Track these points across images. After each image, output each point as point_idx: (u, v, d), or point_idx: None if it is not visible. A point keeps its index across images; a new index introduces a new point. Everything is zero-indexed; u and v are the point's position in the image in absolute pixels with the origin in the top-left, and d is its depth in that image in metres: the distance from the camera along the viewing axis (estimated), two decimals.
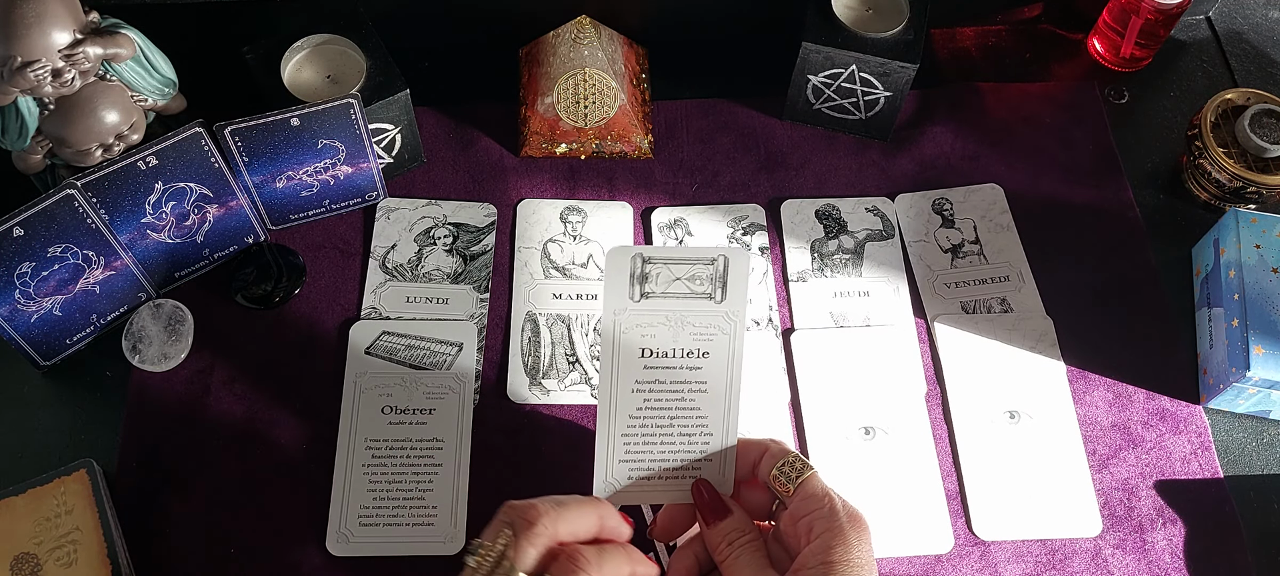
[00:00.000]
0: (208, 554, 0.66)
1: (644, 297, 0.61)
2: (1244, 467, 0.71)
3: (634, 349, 0.61)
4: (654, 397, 0.61)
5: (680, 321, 0.61)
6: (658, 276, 0.61)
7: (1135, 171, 0.84)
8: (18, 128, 0.68)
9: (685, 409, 0.61)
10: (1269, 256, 0.72)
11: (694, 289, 0.61)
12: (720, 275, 0.61)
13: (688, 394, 0.61)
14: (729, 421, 0.62)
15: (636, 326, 0.61)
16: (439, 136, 0.84)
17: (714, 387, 0.61)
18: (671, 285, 0.61)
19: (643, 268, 0.60)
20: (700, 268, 0.61)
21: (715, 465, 0.62)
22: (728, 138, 0.85)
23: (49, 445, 0.69)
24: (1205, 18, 0.93)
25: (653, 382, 0.61)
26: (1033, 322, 0.76)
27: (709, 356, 0.61)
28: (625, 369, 0.61)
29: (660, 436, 0.61)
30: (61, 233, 0.67)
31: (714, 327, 0.61)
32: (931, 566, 0.67)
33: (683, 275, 0.61)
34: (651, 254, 0.60)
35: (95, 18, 0.68)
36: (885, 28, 0.79)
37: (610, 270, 0.60)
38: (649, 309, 0.61)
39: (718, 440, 0.62)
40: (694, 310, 0.61)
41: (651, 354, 0.61)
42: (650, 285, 0.61)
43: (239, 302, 0.75)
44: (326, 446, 0.70)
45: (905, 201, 0.82)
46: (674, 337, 0.61)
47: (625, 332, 0.61)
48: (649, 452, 0.61)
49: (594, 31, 0.82)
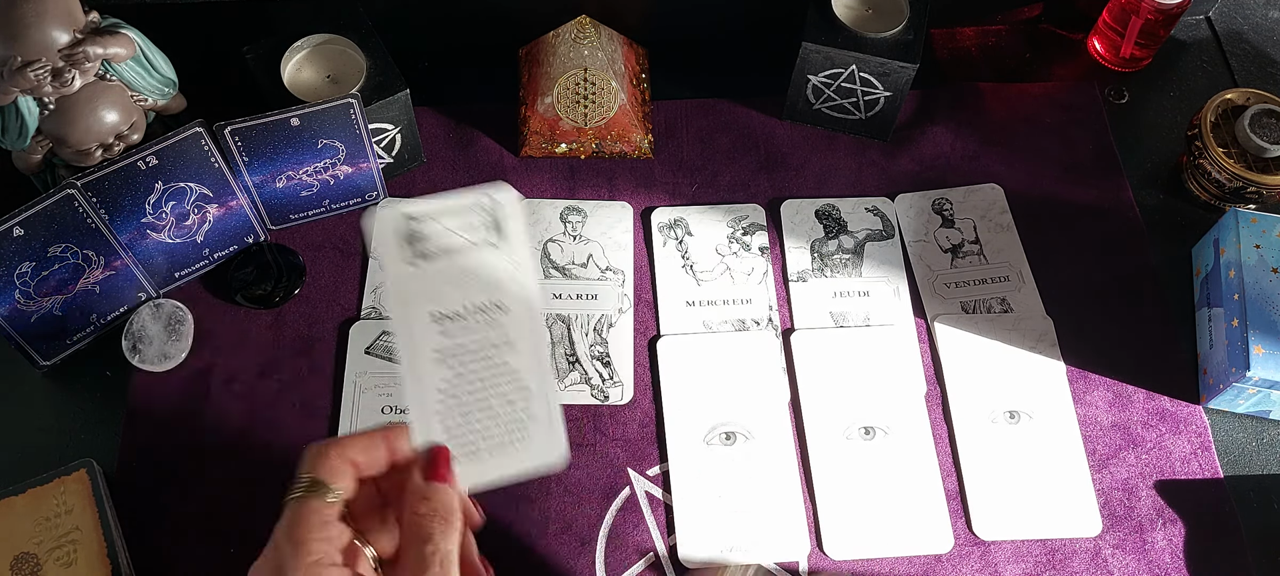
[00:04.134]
0: (208, 554, 0.66)
1: (422, 258, 0.55)
2: (1244, 467, 0.71)
3: (424, 316, 0.54)
4: (460, 365, 0.55)
5: (465, 277, 0.55)
6: (429, 234, 0.55)
7: (1135, 171, 0.84)
8: (18, 128, 0.68)
9: (494, 369, 0.55)
10: (1269, 256, 0.72)
11: (471, 238, 0.55)
12: (494, 219, 0.55)
13: (493, 352, 0.55)
14: (545, 374, 0.56)
15: (422, 292, 0.54)
16: (439, 136, 0.83)
17: (520, 343, 0.55)
18: (446, 239, 0.55)
19: (410, 227, 0.55)
20: (471, 215, 0.55)
21: (541, 424, 0.55)
22: (728, 138, 0.85)
23: (49, 445, 0.69)
24: (1205, 18, 0.93)
25: (455, 349, 0.55)
26: (1033, 322, 0.76)
27: (507, 310, 0.55)
28: (421, 340, 0.54)
29: (478, 407, 0.55)
30: (61, 232, 0.67)
31: (504, 275, 0.55)
32: (931, 566, 0.67)
33: (455, 226, 0.55)
34: (415, 210, 0.54)
35: (95, 18, 0.68)
36: (885, 28, 0.79)
37: (378, 237, 0.54)
38: (430, 269, 0.55)
39: (539, 398, 0.55)
40: (477, 262, 0.55)
41: (444, 317, 0.55)
42: (424, 244, 0.55)
43: (239, 302, 0.75)
44: None
45: (905, 201, 0.82)
46: (464, 295, 0.55)
47: (411, 303, 0.54)
48: (469, 426, 0.54)
49: (594, 31, 0.82)
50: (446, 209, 0.54)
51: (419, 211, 0.54)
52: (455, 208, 0.55)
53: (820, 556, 0.67)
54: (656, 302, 0.76)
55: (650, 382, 0.73)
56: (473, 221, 0.55)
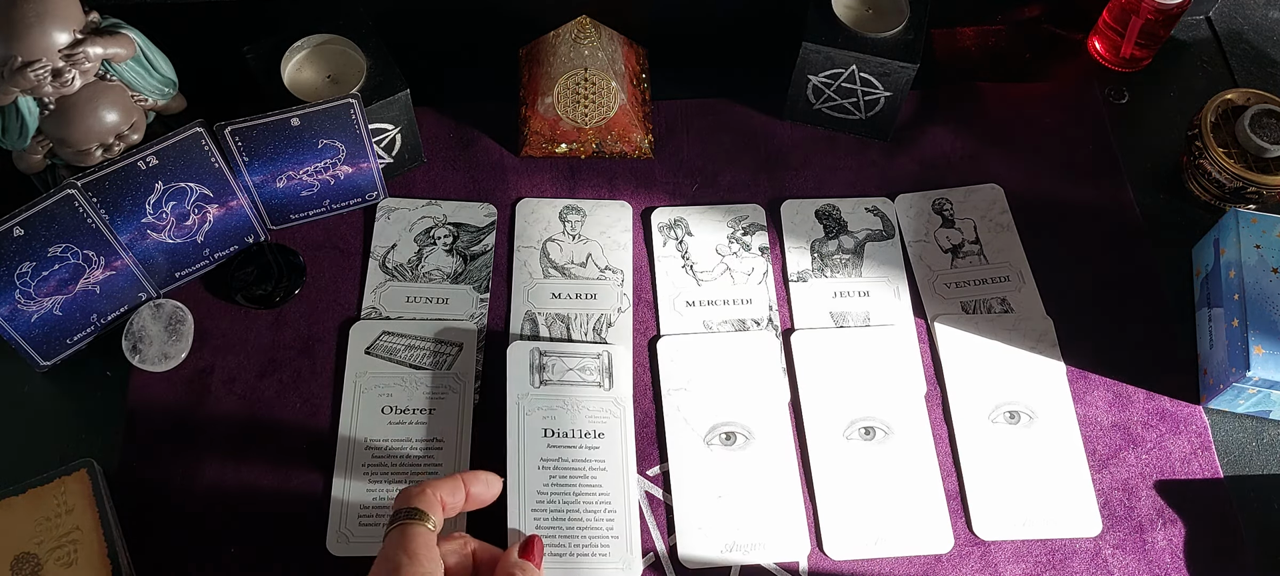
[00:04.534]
0: (208, 554, 0.66)
1: (543, 384, 0.70)
2: (1244, 467, 0.71)
3: (537, 430, 0.69)
4: (558, 475, 0.68)
5: (576, 405, 0.70)
6: (552, 366, 0.71)
7: (1135, 171, 0.84)
8: (18, 128, 0.68)
9: (588, 485, 0.67)
10: (1269, 256, 0.72)
11: (585, 378, 0.71)
12: (607, 366, 0.71)
13: (589, 471, 0.68)
14: (629, 497, 0.67)
15: (538, 409, 0.70)
16: (439, 136, 0.83)
17: (612, 465, 0.68)
18: (565, 375, 0.70)
19: (540, 359, 0.71)
20: (588, 360, 0.71)
21: (621, 542, 0.66)
22: (728, 138, 0.85)
23: (49, 445, 0.69)
24: (1205, 18, 0.93)
25: (557, 460, 0.68)
26: (1033, 323, 0.76)
27: (604, 437, 0.69)
28: (531, 447, 0.68)
29: (568, 512, 0.67)
30: (62, 233, 0.67)
31: (605, 412, 0.70)
32: (931, 566, 0.67)
33: (574, 366, 0.71)
34: (547, 348, 0.72)
35: (95, 18, 0.68)
36: (885, 28, 0.79)
37: (513, 361, 0.71)
38: (547, 394, 0.70)
39: (621, 515, 0.67)
40: (587, 396, 0.70)
41: (553, 434, 0.69)
42: (547, 374, 0.71)
43: (239, 302, 0.75)
44: (326, 446, 0.70)
45: (905, 201, 0.82)
46: (571, 420, 0.69)
47: (528, 415, 0.69)
48: (558, 527, 0.66)
49: (594, 31, 0.82)
50: (573, 350, 0.72)
51: (548, 349, 0.72)
52: (578, 351, 0.72)
53: (820, 556, 0.67)
54: (656, 302, 0.76)
55: (650, 382, 0.73)
56: (590, 365, 0.71)
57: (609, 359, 0.72)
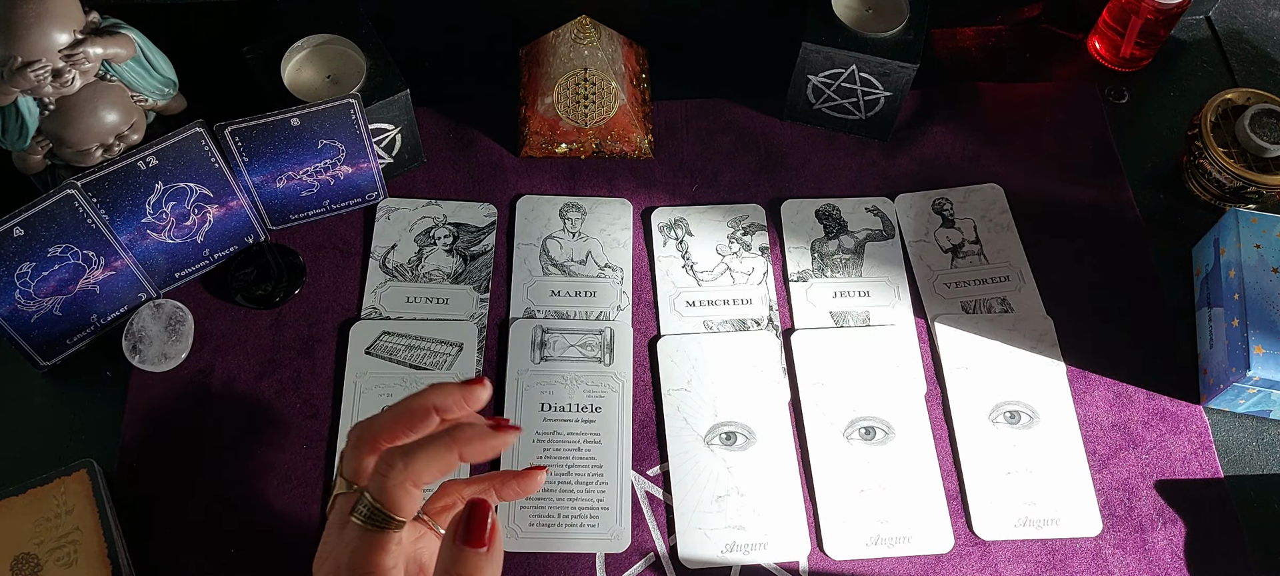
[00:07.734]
0: (208, 554, 0.66)
1: (543, 361, 0.71)
2: (1244, 467, 0.71)
3: (534, 405, 0.70)
4: (552, 447, 0.69)
5: (574, 381, 0.71)
6: (554, 343, 0.72)
7: (1135, 171, 0.84)
8: (18, 128, 0.68)
9: (581, 457, 0.68)
10: (1269, 256, 0.72)
11: (586, 354, 0.71)
12: (608, 342, 0.72)
13: (583, 444, 0.69)
14: (622, 470, 0.68)
15: (537, 385, 0.71)
16: (439, 136, 0.83)
17: (607, 438, 0.69)
18: (566, 351, 0.71)
19: (541, 336, 0.72)
20: (590, 336, 0.72)
21: (611, 514, 0.67)
22: (728, 138, 0.85)
23: (49, 445, 0.69)
24: (1205, 18, 0.93)
25: (551, 434, 0.69)
26: (1033, 323, 0.76)
27: (601, 411, 0.70)
28: (526, 423, 0.69)
29: (558, 483, 0.67)
30: (61, 233, 0.66)
31: (604, 386, 0.71)
32: (932, 566, 0.67)
33: (576, 342, 0.72)
34: (549, 325, 0.73)
35: (95, 18, 0.68)
36: (885, 28, 0.79)
37: (514, 339, 0.72)
38: (546, 370, 0.71)
39: (613, 488, 0.67)
40: (586, 371, 0.71)
41: (550, 408, 0.70)
42: (548, 350, 0.72)
43: (239, 302, 0.75)
44: (326, 446, 0.70)
45: (905, 201, 0.82)
46: (569, 394, 0.70)
47: (527, 390, 0.70)
48: (548, 499, 0.67)
49: (594, 31, 0.82)
50: (575, 327, 0.73)
51: (551, 326, 0.73)
52: (579, 327, 0.73)
53: (820, 556, 0.67)
54: (656, 302, 0.76)
55: (650, 382, 0.73)
56: (591, 339, 0.72)
57: (611, 335, 0.72)
